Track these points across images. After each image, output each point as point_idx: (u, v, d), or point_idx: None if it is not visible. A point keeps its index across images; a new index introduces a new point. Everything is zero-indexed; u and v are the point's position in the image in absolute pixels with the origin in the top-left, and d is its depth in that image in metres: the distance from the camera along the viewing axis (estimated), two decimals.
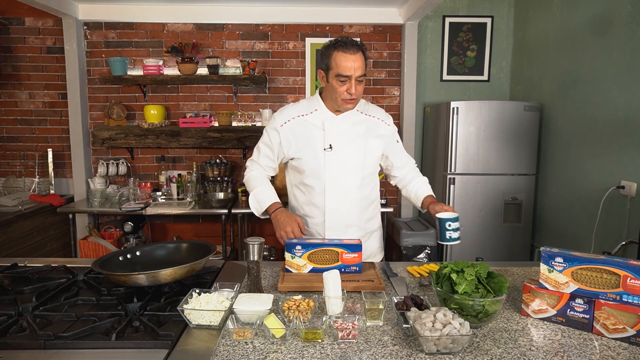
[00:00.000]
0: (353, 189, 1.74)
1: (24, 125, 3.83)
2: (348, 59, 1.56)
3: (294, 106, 1.78)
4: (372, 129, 1.77)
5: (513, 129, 3.27)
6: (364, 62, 1.60)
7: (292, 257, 1.53)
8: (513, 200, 3.34)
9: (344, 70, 1.57)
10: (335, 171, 1.72)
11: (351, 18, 3.78)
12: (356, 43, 1.59)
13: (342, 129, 1.72)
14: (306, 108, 1.76)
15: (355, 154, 1.72)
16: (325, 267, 1.52)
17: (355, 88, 1.60)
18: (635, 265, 1.10)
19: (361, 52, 1.59)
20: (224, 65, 3.84)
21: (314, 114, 1.74)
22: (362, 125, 1.75)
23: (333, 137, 1.71)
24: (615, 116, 2.58)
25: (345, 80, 1.59)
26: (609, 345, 1.09)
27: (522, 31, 3.73)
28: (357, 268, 1.53)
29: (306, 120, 1.73)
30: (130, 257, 1.51)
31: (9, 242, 3.08)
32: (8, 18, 3.70)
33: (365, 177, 1.77)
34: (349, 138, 1.72)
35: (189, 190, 3.61)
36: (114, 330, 1.12)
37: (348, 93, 1.60)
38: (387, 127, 1.81)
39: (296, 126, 1.73)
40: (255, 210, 1.77)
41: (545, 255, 1.22)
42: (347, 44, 1.57)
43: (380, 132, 1.78)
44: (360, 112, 1.77)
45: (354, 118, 1.74)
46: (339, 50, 1.57)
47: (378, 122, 1.79)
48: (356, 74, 1.58)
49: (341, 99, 1.63)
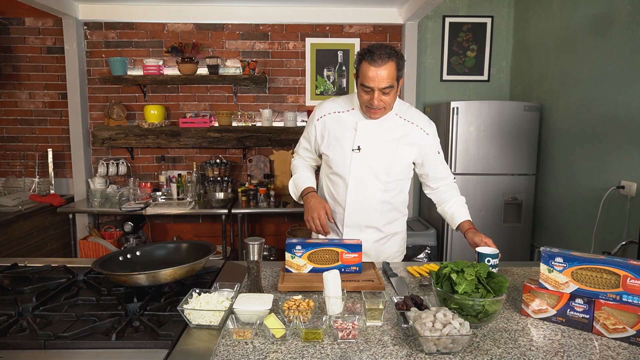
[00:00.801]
0: (376, 192, 1.73)
1: (24, 125, 3.83)
2: (372, 71, 1.53)
3: (333, 101, 1.80)
4: (408, 135, 1.73)
5: (513, 129, 3.27)
6: (394, 73, 1.55)
7: (292, 257, 1.53)
8: (513, 200, 3.34)
9: (367, 81, 1.55)
10: (359, 172, 1.71)
11: (351, 18, 3.78)
12: (387, 52, 1.54)
13: (374, 132, 1.70)
14: (343, 106, 1.77)
15: (382, 159, 1.70)
16: (325, 267, 1.52)
17: (379, 100, 1.58)
18: (635, 265, 1.10)
19: (392, 61, 1.54)
20: (224, 65, 3.84)
21: (350, 112, 1.74)
22: (397, 130, 1.72)
23: (362, 139, 1.70)
24: (615, 116, 2.58)
25: (369, 91, 1.57)
26: (609, 345, 1.09)
27: (522, 31, 3.73)
28: (357, 268, 1.53)
29: (341, 118, 1.75)
30: (130, 257, 1.51)
31: (9, 242, 3.08)
32: (8, 18, 3.70)
33: (391, 182, 1.75)
34: (379, 142, 1.70)
35: (189, 190, 3.61)
36: (114, 330, 1.12)
37: (370, 103, 1.59)
38: (426, 136, 1.76)
39: (331, 121, 1.75)
40: (293, 194, 1.86)
41: (545, 255, 1.22)
42: (374, 55, 1.53)
43: (416, 140, 1.74)
44: (399, 117, 1.74)
45: (389, 122, 1.71)
46: (366, 60, 1.55)
47: (415, 130, 1.74)
48: (380, 86, 1.55)
49: (365, 107, 1.64)
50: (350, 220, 1.77)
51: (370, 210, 1.76)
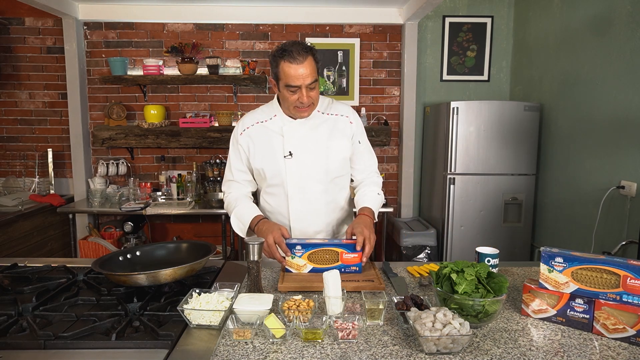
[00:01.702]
0: (317, 194, 1.69)
1: (24, 125, 3.83)
2: (295, 69, 1.49)
3: (253, 113, 1.74)
4: (336, 128, 1.69)
5: (513, 129, 3.27)
6: (315, 67, 1.54)
7: (292, 257, 1.51)
8: (513, 200, 3.34)
9: (292, 80, 1.51)
10: (296, 178, 1.66)
11: (351, 18, 3.78)
12: (303, 48, 1.52)
13: (302, 135, 1.66)
14: (265, 114, 1.71)
15: (316, 159, 1.66)
16: (325, 267, 1.51)
17: (307, 96, 1.54)
18: (635, 265, 1.10)
19: (310, 56, 1.52)
20: (224, 65, 3.84)
21: (273, 120, 1.68)
22: (324, 126, 1.68)
23: (292, 144, 1.65)
24: (615, 116, 2.58)
25: (296, 90, 1.53)
26: (609, 345, 1.09)
27: (522, 31, 3.73)
28: (357, 268, 1.53)
29: (265, 127, 1.68)
30: (130, 257, 1.51)
31: (9, 242, 3.08)
32: (8, 18, 3.70)
33: (331, 181, 1.70)
34: (309, 143, 1.65)
35: (189, 190, 3.62)
36: (114, 330, 1.12)
37: (300, 102, 1.55)
38: (350, 124, 1.72)
39: (255, 133, 1.69)
40: (240, 230, 1.69)
41: (545, 255, 1.22)
42: (292, 53, 1.49)
43: (343, 131, 1.70)
44: (322, 113, 1.70)
45: (314, 121, 1.67)
46: (286, 60, 1.50)
47: (340, 120, 1.71)
48: (306, 83, 1.51)
49: (294, 107, 1.59)
50: (298, 229, 1.72)
51: (316, 215, 1.71)
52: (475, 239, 3.32)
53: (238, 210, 1.69)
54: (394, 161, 4.03)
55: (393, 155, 4.03)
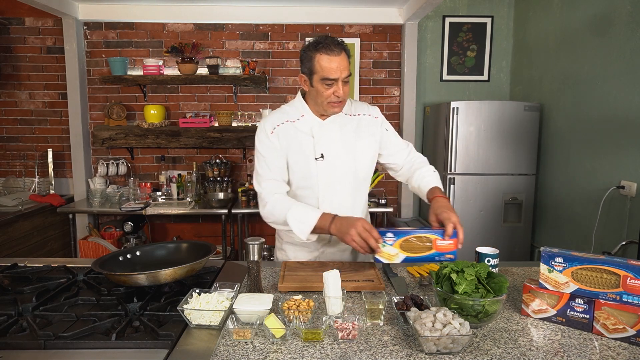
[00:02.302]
0: (346, 196, 1.67)
1: (24, 125, 3.83)
2: (333, 61, 1.47)
3: (280, 111, 1.68)
4: (361, 128, 1.67)
5: (513, 129, 3.27)
6: (348, 61, 1.53)
7: (383, 246, 1.40)
8: (513, 200, 3.34)
9: (330, 73, 1.48)
10: (327, 180, 1.63)
11: (351, 18, 3.78)
12: (339, 42, 1.50)
13: (333, 136, 1.62)
14: (293, 114, 1.65)
15: (346, 161, 1.63)
16: (419, 255, 1.40)
17: (344, 90, 1.52)
18: (635, 265, 1.10)
19: (344, 51, 1.51)
20: (224, 65, 3.84)
21: (301, 120, 1.63)
22: (350, 127, 1.66)
23: (324, 146, 1.61)
24: (615, 116, 2.58)
25: (332, 84, 1.50)
26: (609, 345, 1.09)
27: (522, 31, 3.73)
28: (452, 256, 1.41)
29: (295, 127, 1.63)
30: (130, 257, 1.51)
31: (9, 242, 3.08)
32: (8, 18, 3.70)
33: (359, 182, 1.69)
34: (339, 145, 1.62)
35: (189, 190, 3.62)
36: (114, 330, 1.12)
37: (335, 96, 1.52)
38: (375, 120, 1.70)
39: (285, 132, 1.62)
40: (300, 231, 1.53)
41: (545, 255, 1.22)
42: (329, 45, 1.47)
43: (369, 129, 1.68)
44: (346, 114, 1.67)
45: (341, 121, 1.65)
46: (322, 52, 1.47)
47: (364, 119, 1.69)
48: (342, 76, 1.49)
49: (327, 103, 1.54)
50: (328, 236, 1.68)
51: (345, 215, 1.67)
52: (475, 239, 3.32)
53: (295, 212, 1.54)
54: None
55: None
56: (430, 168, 1.76)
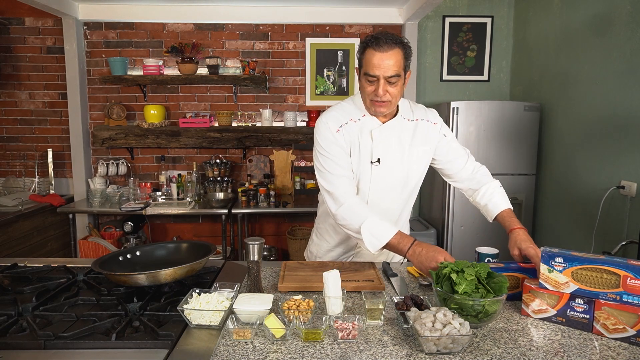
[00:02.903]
0: (395, 203, 1.65)
1: (24, 125, 3.83)
2: (377, 57, 1.41)
3: (341, 109, 1.59)
4: (418, 134, 1.61)
5: (513, 129, 3.27)
6: (401, 61, 1.45)
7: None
8: (513, 200, 3.33)
9: (372, 69, 1.42)
10: (379, 187, 1.59)
11: (351, 18, 3.78)
12: (393, 39, 1.43)
13: (391, 141, 1.57)
14: (355, 113, 1.58)
15: (401, 168, 1.59)
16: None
17: (384, 90, 1.44)
18: (635, 265, 1.10)
19: (398, 48, 1.44)
20: (224, 65, 3.84)
21: (363, 120, 1.57)
22: (407, 132, 1.60)
23: (381, 150, 1.56)
24: (615, 116, 2.58)
25: (374, 81, 1.44)
26: (609, 345, 1.09)
27: (522, 31, 3.73)
28: None
29: (358, 127, 1.56)
30: (130, 257, 1.51)
31: (9, 242, 3.08)
32: (8, 18, 3.70)
33: (408, 190, 1.65)
34: (396, 150, 1.57)
35: (189, 190, 3.62)
36: (114, 330, 1.12)
37: (375, 94, 1.46)
38: (434, 126, 1.62)
39: (350, 131, 1.56)
40: (371, 245, 1.48)
41: (545, 255, 1.22)
42: (379, 40, 1.41)
43: (427, 136, 1.61)
44: (405, 119, 1.61)
45: (400, 126, 1.59)
46: (370, 47, 1.42)
47: (422, 124, 1.62)
48: (385, 74, 1.42)
49: (369, 100, 1.49)
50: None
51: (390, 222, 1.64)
52: (475, 239, 3.32)
53: (371, 224, 1.48)
54: None
55: None
56: (497, 184, 1.68)
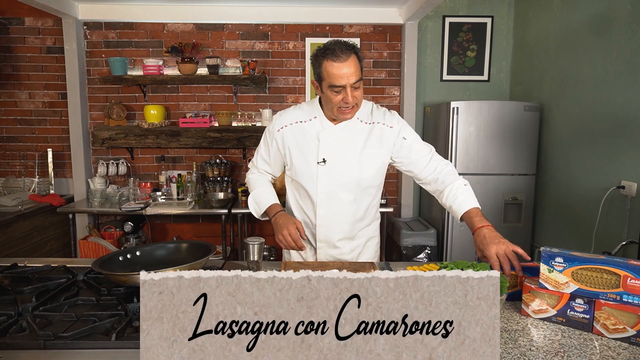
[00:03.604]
0: (346, 203, 1.65)
1: (24, 125, 3.83)
2: (339, 67, 1.45)
3: (294, 110, 1.68)
4: (372, 137, 1.63)
5: (513, 129, 3.27)
6: (358, 65, 1.48)
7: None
8: (513, 200, 3.34)
9: (336, 80, 1.45)
10: (327, 186, 1.62)
11: (351, 18, 3.78)
12: (347, 46, 1.48)
13: (338, 142, 1.61)
14: (306, 114, 1.65)
15: (350, 169, 1.61)
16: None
17: (352, 96, 1.48)
18: (635, 265, 1.10)
19: (354, 54, 1.48)
20: (224, 65, 3.84)
21: (313, 121, 1.63)
22: (362, 134, 1.63)
23: (327, 151, 1.60)
24: (615, 116, 2.58)
25: (340, 90, 1.48)
26: (609, 345, 1.09)
27: (522, 31, 3.73)
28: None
29: (304, 128, 1.64)
30: (130, 257, 1.51)
31: (9, 242, 3.07)
32: (8, 18, 3.70)
33: (362, 190, 1.66)
34: (344, 151, 1.60)
35: (189, 190, 3.61)
36: (114, 330, 1.12)
37: (344, 102, 1.49)
38: (390, 129, 1.64)
39: (293, 133, 1.64)
40: (254, 211, 1.75)
41: (545, 255, 1.22)
42: (335, 51, 1.45)
43: (382, 139, 1.63)
44: (361, 121, 1.64)
45: (354, 128, 1.62)
46: (329, 59, 1.46)
47: (378, 128, 1.64)
48: (350, 82, 1.46)
49: (337, 109, 1.52)
50: (323, 235, 1.69)
51: (342, 222, 1.67)
52: None
53: (257, 193, 1.74)
54: None
55: None
56: (461, 183, 1.62)
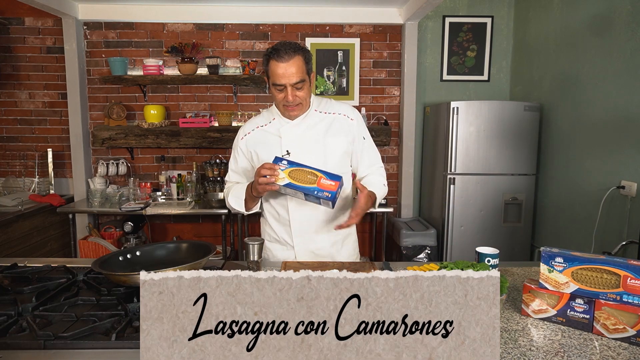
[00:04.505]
0: None
1: (24, 125, 3.83)
2: (281, 67, 1.52)
3: (255, 118, 1.78)
4: (332, 126, 1.70)
5: (513, 129, 3.27)
6: (303, 67, 1.56)
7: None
8: (513, 200, 3.34)
9: (277, 79, 1.54)
10: None
11: (351, 18, 3.78)
12: (292, 47, 1.54)
13: (298, 134, 1.68)
14: (265, 118, 1.75)
15: (314, 158, 1.65)
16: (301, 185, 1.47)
17: (293, 95, 1.57)
18: (635, 265, 1.10)
19: (298, 55, 1.54)
20: (224, 65, 3.84)
21: (272, 123, 1.72)
22: (321, 125, 1.70)
23: (289, 143, 1.67)
24: (615, 116, 2.58)
25: (282, 89, 1.57)
26: (609, 345, 1.09)
27: (522, 31, 3.73)
28: (329, 195, 1.47)
29: (265, 131, 1.72)
30: (130, 257, 1.51)
31: (9, 242, 3.08)
32: (8, 18, 3.70)
33: None
34: (306, 141, 1.67)
35: (189, 190, 3.61)
36: (114, 330, 1.12)
37: (286, 100, 1.58)
38: (351, 121, 1.72)
39: (255, 138, 1.73)
40: (238, 205, 1.73)
41: (545, 255, 1.22)
42: (280, 52, 1.52)
43: (342, 128, 1.71)
44: (319, 112, 1.72)
45: (311, 119, 1.70)
46: (273, 58, 1.54)
47: (339, 118, 1.72)
48: (290, 82, 1.54)
49: (282, 106, 1.62)
50: (297, 230, 1.72)
51: (315, 215, 1.70)
52: (475, 239, 3.32)
53: (233, 190, 1.75)
54: (394, 161, 4.04)
55: (393, 155, 4.03)
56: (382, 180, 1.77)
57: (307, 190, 1.47)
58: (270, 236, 1.82)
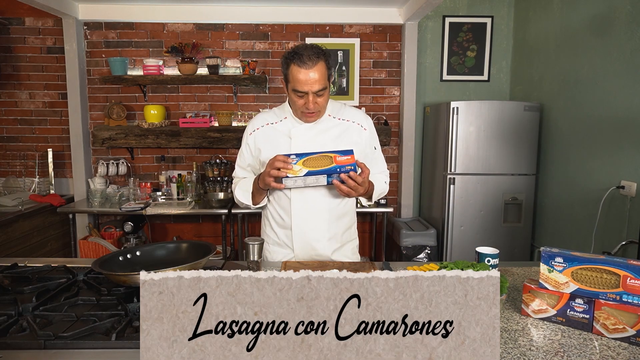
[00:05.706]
0: (320, 199, 1.66)
1: (24, 125, 3.84)
2: (303, 74, 1.47)
3: (265, 114, 1.74)
4: (344, 134, 1.67)
5: (513, 129, 3.27)
6: (325, 73, 1.51)
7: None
8: (513, 200, 3.34)
9: (299, 85, 1.49)
10: None
11: (351, 18, 3.78)
12: (315, 52, 1.49)
13: (309, 138, 1.64)
14: (276, 116, 1.70)
15: None
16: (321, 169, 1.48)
17: (314, 103, 1.53)
18: (635, 265, 1.10)
19: (322, 62, 1.50)
20: (224, 65, 3.84)
21: (283, 122, 1.68)
22: (333, 131, 1.66)
23: (298, 146, 1.63)
24: (615, 116, 2.58)
25: (303, 95, 1.52)
26: (609, 345, 1.09)
27: (522, 31, 3.73)
28: (351, 167, 1.48)
29: (275, 129, 1.68)
30: (130, 257, 1.51)
31: (9, 242, 3.08)
32: (8, 18, 3.70)
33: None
34: (315, 147, 1.63)
35: (189, 190, 3.62)
36: (114, 330, 1.12)
37: (306, 107, 1.54)
38: (364, 131, 1.70)
39: (264, 135, 1.68)
40: (245, 199, 1.70)
41: (545, 255, 1.22)
42: (303, 57, 1.47)
43: (353, 137, 1.68)
44: (333, 117, 1.68)
45: (324, 124, 1.66)
46: (295, 63, 1.48)
47: (352, 126, 1.69)
48: (313, 89, 1.49)
49: (301, 112, 1.58)
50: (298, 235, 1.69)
51: (318, 219, 1.68)
52: (475, 239, 3.32)
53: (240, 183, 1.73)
54: (394, 161, 4.04)
55: (393, 155, 4.03)
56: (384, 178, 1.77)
57: (330, 170, 1.46)
58: (271, 239, 1.80)
